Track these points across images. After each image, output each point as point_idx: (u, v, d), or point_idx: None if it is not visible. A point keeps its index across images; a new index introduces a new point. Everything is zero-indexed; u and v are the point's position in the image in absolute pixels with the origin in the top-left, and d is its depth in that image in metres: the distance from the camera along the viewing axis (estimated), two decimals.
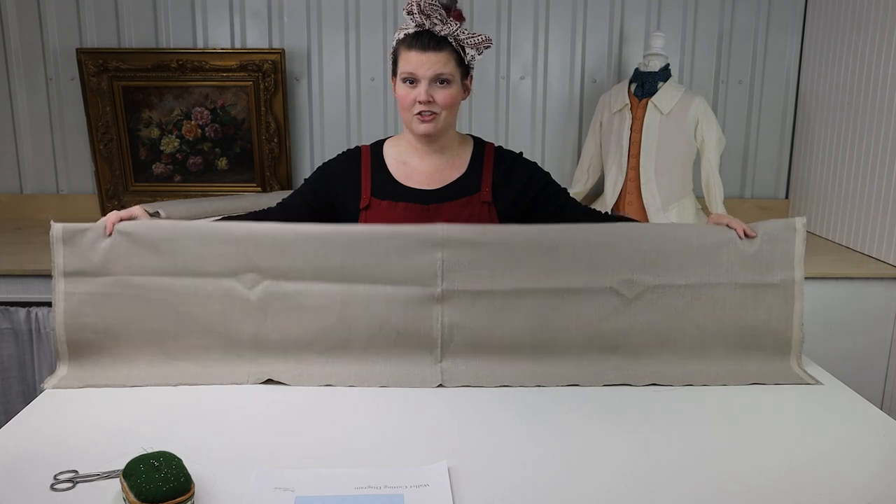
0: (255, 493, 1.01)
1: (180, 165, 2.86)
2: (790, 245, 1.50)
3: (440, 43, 1.53)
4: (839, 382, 1.43)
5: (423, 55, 1.52)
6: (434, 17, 1.51)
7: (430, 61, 1.52)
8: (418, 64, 1.53)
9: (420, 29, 1.53)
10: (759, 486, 1.06)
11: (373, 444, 1.17)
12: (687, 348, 1.48)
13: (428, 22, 1.52)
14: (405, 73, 1.55)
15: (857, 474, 1.09)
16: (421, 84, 1.53)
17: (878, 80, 2.36)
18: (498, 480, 1.07)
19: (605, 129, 2.71)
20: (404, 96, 1.56)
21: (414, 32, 1.54)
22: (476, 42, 1.56)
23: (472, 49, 1.57)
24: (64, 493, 1.02)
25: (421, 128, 1.56)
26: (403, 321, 1.44)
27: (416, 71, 1.53)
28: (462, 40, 1.55)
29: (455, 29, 1.53)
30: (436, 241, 1.44)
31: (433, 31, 1.53)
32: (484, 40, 1.57)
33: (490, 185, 1.63)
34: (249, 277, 1.44)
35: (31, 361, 2.25)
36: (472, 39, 1.56)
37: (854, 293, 2.24)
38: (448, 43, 1.54)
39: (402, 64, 1.55)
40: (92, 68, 2.70)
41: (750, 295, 1.49)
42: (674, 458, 1.13)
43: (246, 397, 1.34)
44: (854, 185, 2.50)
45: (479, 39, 1.56)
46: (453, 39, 1.54)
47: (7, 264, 2.20)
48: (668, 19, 2.85)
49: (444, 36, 1.53)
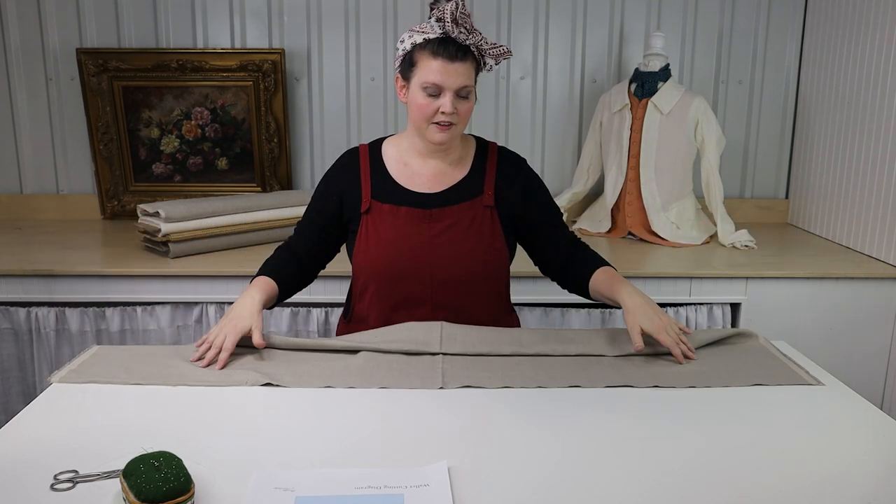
0: (254, 494, 1.01)
1: (180, 165, 2.86)
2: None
3: (466, 53, 1.49)
4: (840, 383, 1.43)
5: (451, 66, 1.47)
6: (464, 25, 1.47)
7: (458, 72, 1.48)
8: (445, 75, 1.47)
9: (445, 36, 1.48)
10: (758, 486, 1.06)
11: (373, 445, 1.17)
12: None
13: (456, 31, 1.47)
14: (429, 83, 1.48)
15: (857, 475, 1.09)
16: (446, 95, 1.49)
17: (878, 80, 2.36)
18: (498, 480, 1.07)
19: (605, 129, 2.71)
20: (425, 105, 1.50)
21: (439, 39, 1.48)
22: (497, 53, 1.53)
23: (491, 59, 1.55)
24: (64, 493, 1.02)
25: (437, 137, 1.53)
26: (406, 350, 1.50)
27: (443, 82, 1.48)
28: (485, 50, 1.52)
29: (479, 39, 1.49)
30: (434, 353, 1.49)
31: (458, 39, 1.48)
32: (505, 52, 1.54)
33: (493, 189, 1.62)
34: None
35: (31, 361, 2.25)
36: (495, 50, 1.53)
37: (854, 293, 2.24)
38: (471, 52, 1.50)
39: (425, 72, 1.49)
40: (92, 68, 2.70)
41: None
42: (676, 459, 1.13)
43: (246, 397, 1.34)
44: (854, 184, 2.50)
45: (501, 51, 1.53)
46: (476, 49, 1.50)
47: (7, 264, 2.20)
48: (668, 19, 2.85)
49: (468, 46, 1.49)
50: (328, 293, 2.21)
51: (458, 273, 1.60)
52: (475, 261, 1.60)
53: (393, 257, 1.58)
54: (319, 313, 2.24)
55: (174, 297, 2.21)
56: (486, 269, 1.62)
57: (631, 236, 2.66)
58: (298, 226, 1.71)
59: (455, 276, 1.60)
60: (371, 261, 1.60)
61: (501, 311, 1.72)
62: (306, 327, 2.25)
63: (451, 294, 1.61)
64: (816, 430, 1.24)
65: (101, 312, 2.22)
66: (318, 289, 2.19)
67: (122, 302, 2.22)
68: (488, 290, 1.66)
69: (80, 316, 2.20)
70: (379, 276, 1.61)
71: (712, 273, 2.24)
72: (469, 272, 1.60)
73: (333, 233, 1.68)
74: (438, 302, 1.61)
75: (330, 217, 1.66)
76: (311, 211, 1.69)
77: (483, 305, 1.65)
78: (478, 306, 1.64)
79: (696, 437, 1.20)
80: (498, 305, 1.70)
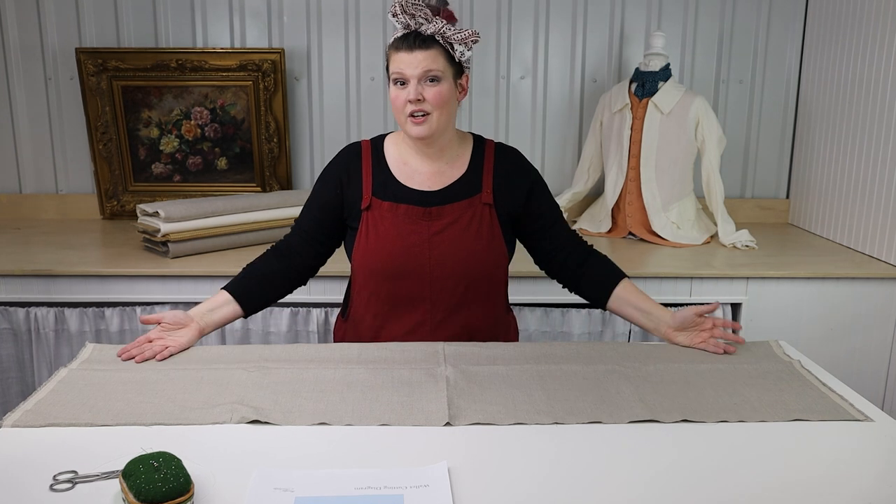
0: (254, 494, 1.01)
1: (180, 165, 2.86)
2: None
3: (427, 41, 1.52)
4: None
5: (410, 55, 1.51)
6: (419, 16, 1.51)
7: (417, 60, 1.51)
8: (406, 64, 1.52)
9: (407, 30, 1.53)
10: (759, 494, 1.05)
11: (373, 445, 1.17)
12: (717, 382, 1.40)
13: (413, 22, 1.51)
14: (394, 73, 1.54)
15: (858, 477, 1.09)
16: (410, 84, 1.52)
17: (878, 80, 2.36)
18: (498, 480, 1.06)
19: (605, 129, 2.71)
20: (395, 97, 1.54)
21: (402, 34, 1.53)
22: (463, 37, 1.55)
23: (460, 45, 1.55)
24: (63, 493, 1.01)
25: (414, 130, 1.55)
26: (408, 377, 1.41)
27: (404, 71, 1.52)
28: (449, 37, 1.54)
29: (441, 26, 1.52)
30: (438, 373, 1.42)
31: (420, 30, 1.52)
32: (471, 34, 1.56)
33: (491, 187, 1.62)
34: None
35: (30, 361, 2.25)
36: (459, 35, 1.54)
37: (854, 293, 2.24)
38: (436, 41, 1.53)
39: (392, 66, 1.55)
40: (91, 68, 2.70)
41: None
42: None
43: None
44: (855, 184, 2.49)
45: (465, 34, 1.55)
46: (440, 37, 1.53)
47: (6, 264, 2.19)
48: (668, 19, 2.85)
49: (432, 34, 1.52)
50: (328, 293, 2.21)
51: (457, 271, 1.59)
52: (474, 259, 1.60)
53: (392, 255, 1.58)
54: (319, 313, 2.24)
55: (174, 297, 2.21)
56: (485, 267, 1.62)
57: (631, 236, 2.66)
58: (296, 224, 1.70)
59: (454, 275, 1.59)
60: (370, 258, 1.60)
61: (499, 310, 1.72)
62: (306, 327, 2.24)
63: (449, 292, 1.61)
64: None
65: (100, 312, 2.21)
66: (318, 289, 2.19)
67: (121, 302, 2.22)
68: (487, 290, 1.65)
69: (79, 316, 2.20)
70: (378, 273, 1.61)
71: (713, 273, 2.23)
72: (468, 270, 1.60)
73: (331, 230, 1.67)
74: (437, 300, 1.61)
75: (330, 210, 1.65)
76: (311, 209, 1.68)
77: (481, 305, 1.65)
78: (476, 305, 1.64)
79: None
80: (496, 305, 1.70)
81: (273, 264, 1.66)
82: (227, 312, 1.60)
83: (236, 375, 1.38)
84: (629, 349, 1.55)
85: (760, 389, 1.36)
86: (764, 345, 1.59)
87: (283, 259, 1.66)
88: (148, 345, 1.49)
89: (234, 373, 1.39)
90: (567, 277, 1.71)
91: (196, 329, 1.54)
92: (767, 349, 1.57)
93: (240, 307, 1.61)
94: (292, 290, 1.70)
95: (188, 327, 1.54)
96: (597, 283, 1.67)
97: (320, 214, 1.66)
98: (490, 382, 1.37)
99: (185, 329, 1.53)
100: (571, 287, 1.71)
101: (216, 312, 1.59)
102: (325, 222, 1.66)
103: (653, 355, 1.51)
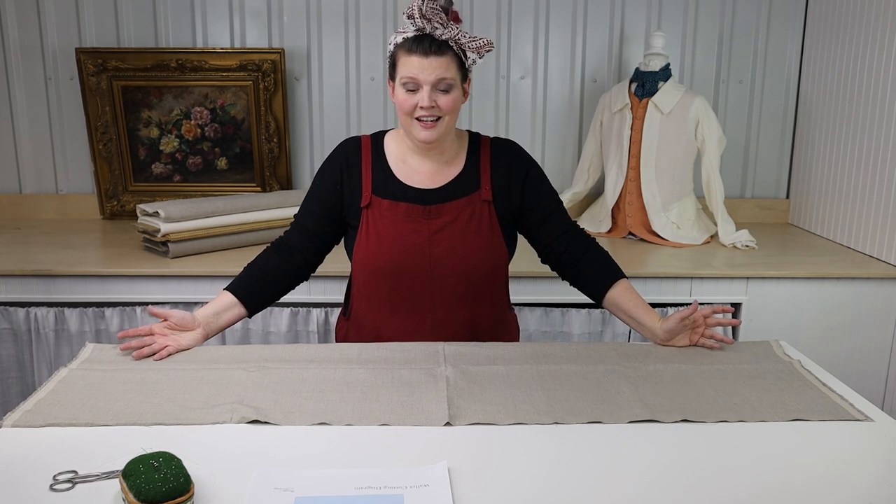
0: (254, 494, 1.01)
1: (180, 165, 2.86)
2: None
3: (442, 47, 1.50)
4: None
5: (426, 60, 1.49)
6: (435, 20, 1.49)
7: (433, 66, 1.49)
8: (420, 69, 1.50)
9: (420, 33, 1.51)
10: (759, 494, 1.05)
11: (373, 445, 1.17)
12: (717, 382, 1.39)
13: (429, 26, 1.49)
14: (406, 77, 1.51)
15: (858, 477, 1.09)
16: (423, 89, 1.50)
17: (878, 80, 2.36)
18: (498, 480, 1.06)
19: (605, 129, 2.71)
20: (405, 101, 1.52)
21: (414, 36, 1.51)
22: (478, 46, 1.54)
23: (473, 53, 1.55)
24: (63, 493, 1.01)
25: (422, 134, 1.54)
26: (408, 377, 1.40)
27: (417, 76, 1.50)
28: (463, 44, 1.53)
29: (456, 33, 1.51)
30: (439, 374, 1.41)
31: (434, 35, 1.50)
32: (485, 44, 1.55)
33: (489, 183, 1.62)
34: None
35: (30, 361, 2.25)
36: (474, 43, 1.53)
37: (854, 293, 2.24)
38: (449, 47, 1.51)
39: (403, 69, 1.52)
40: (91, 68, 2.70)
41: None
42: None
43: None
44: (855, 184, 2.49)
45: (480, 43, 1.54)
46: (454, 43, 1.52)
47: (6, 264, 2.19)
48: (668, 19, 2.85)
49: (446, 40, 1.51)
50: (328, 293, 2.21)
51: (458, 269, 1.59)
52: (474, 257, 1.60)
53: (392, 253, 1.58)
54: (319, 313, 2.24)
55: (174, 297, 2.21)
56: (485, 265, 1.62)
57: (631, 236, 2.66)
58: (296, 220, 1.69)
59: (454, 273, 1.59)
60: (370, 257, 1.60)
61: (500, 307, 1.72)
62: (306, 327, 2.24)
63: (450, 290, 1.61)
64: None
65: (100, 312, 2.21)
66: (318, 289, 2.19)
67: (121, 302, 2.22)
68: (487, 287, 1.65)
69: (79, 316, 2.20)
70: (378, 272, 1.61)
71: (713, 273, 2.23)
72: (468, 269, 1.60)
73: (331, 225, 1.66)
74: (437, 298, 1.61)
75: (329, 206, 1.64)
76: (311, 205, 1.67)
77: (482, 302, 1.65)
78: (477, 303, 1.64)
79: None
80: (497, 302, 1.70)
81: (274, 262, 1.66)
82: (232, 316, 1.60)
83: (236, 375, 1.38)
84: (629, 349, 1.55)
85: (760, 389, 1.36)
86: (764, 345, 1.59)
87: (283, 256, 1.66)
88: (150, 337, 1.49)
89: (234, 373, 1.40)
90: (566, 270, 1.70)
91: (201, 334, 1.54)
92: (767, 349, 1.57)
93: (244, 308, 1.61)
94: (294, 286, 1.70)
95: (193, 331, 1.54)
96: (593, 281, 1.66)
97: (320, 210, 1.65)
98: (490, 382, 1.37)
99: (191, 333, 1.53)
100: (570, 280, 1.71)
101: (222, 316, 1.58)
102: (324, 218, 1.66)
103: (653, 355, 1.51)
